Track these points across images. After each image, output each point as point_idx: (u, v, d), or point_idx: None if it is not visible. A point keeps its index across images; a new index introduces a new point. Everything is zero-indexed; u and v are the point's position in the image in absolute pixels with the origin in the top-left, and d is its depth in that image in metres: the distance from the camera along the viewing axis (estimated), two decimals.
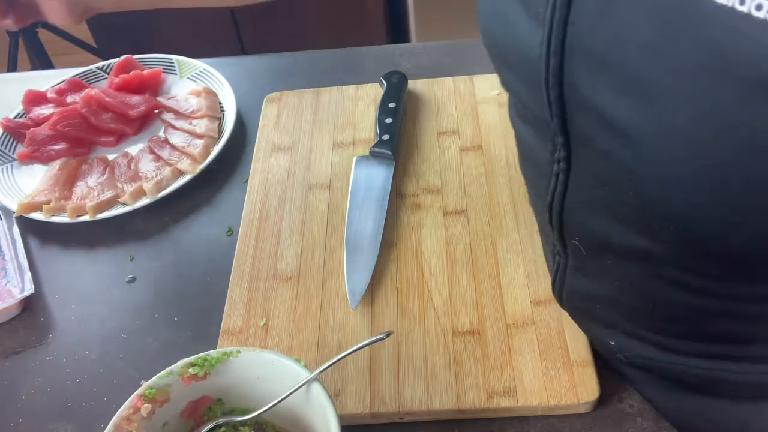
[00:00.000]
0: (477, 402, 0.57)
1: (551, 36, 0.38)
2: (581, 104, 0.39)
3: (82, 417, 0.62)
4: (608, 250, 0.45)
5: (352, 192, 0.74)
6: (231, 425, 0.53)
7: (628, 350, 0.53)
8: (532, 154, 0.50)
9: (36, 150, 0.85)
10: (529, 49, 0.41)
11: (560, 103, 0.40)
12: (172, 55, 0.95)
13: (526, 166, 0.56)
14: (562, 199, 0.47)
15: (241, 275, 0.69)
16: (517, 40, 0.43)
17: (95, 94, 0.87)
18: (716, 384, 0.49)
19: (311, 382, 0.49)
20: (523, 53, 0.42)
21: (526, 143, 0.52)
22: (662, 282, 0.43)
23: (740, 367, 0.47)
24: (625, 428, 0.56)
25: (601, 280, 0.50)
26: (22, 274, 0.72)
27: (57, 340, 0.68)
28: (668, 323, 0.48)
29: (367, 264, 0.67)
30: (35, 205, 0.78)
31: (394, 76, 0.84)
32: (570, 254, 0.51)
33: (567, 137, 0.42)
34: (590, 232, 0.46)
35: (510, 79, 0.48)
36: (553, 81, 0.39)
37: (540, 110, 0.43)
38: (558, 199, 0.47)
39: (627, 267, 0.45)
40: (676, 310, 0.46)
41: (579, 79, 0.38)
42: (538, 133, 0.47)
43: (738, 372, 0.47)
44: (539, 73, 0.40)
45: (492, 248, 0.67)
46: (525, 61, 0.42)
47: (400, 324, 0.63)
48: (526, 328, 0.61)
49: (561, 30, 0.37)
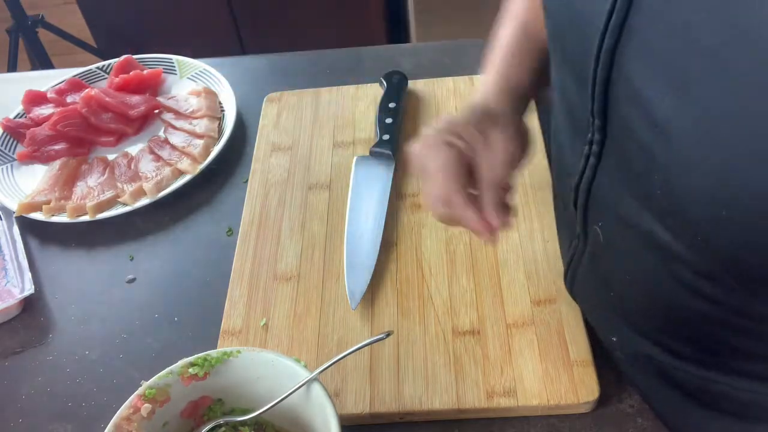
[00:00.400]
0: (477, 402, 0.57)
1: (613, 13, 0.37)
2: (626, 92, 0.38)
3: (82, 417, 0.62)
4: (628, 240, 0.45)
5: (352, 192, 0.74)
6: (231, 425, 0.53)
7: (629, 347, 0.53)
8: (563, 134, 0.50)
9: (36, 150, 0.85)
10: (587, 25, 0.40)
11: (605, 85, 0.39)
12: (172, 55, 0.95)
13: (554, 144, 0.56)
14: (591, 181, 0.46)
15: (241, 275, 0.69)
16: (579, 15, 0.41)
17: (95, 94, 0.87)
18: (708, 394, 0.49)
19: (311, 382, 0.49)
20: (581, 29, 0.41)
21: (560, 123, 0.51)
22: (676, 283, 0.43)
23: (732, 380, 0.46)
24: (625, 428, 0.56)
25: (615, 270, 0.50)
26: (22, 274, 0.72)
27: (57, 340, 0.68)
28: (673, 325, 0.48)
29: (367, 264, 0.67)
30: (35, 205, 0.78)
31: (394, 76, 0.84)
32: (590, 241, 0.51)
33: (604, 121, 0.42)
34: (614, 218, 0.45)
35: (558, 62, 0.47)
36: (604, 60, 0.38)
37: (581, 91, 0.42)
38: (586, 181, 0.47)
39: (644, 261, 0.45)
40: (684, 312, 0.45)
41: (630, 66, 0.37)
42: (574, 113, 0.46)
43: (730, 385, 0.47)
44: (590, 51, 0.39)
45: (492, 248, 0.67)
46: (581, 36, 0.41)
47: (400, 324, 0.63)
48: (526, 328, 0.61)
49: (624, 9, 0.36)
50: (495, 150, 0.52)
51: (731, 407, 0.48)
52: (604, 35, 0.38)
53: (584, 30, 0.40)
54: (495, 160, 0.52)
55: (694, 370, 0.48)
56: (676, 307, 0.45)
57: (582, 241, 0.52)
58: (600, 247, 0.50)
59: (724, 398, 0.48)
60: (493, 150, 0.52)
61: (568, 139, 0.49)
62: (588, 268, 0.54)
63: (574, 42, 0.43)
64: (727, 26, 0.31)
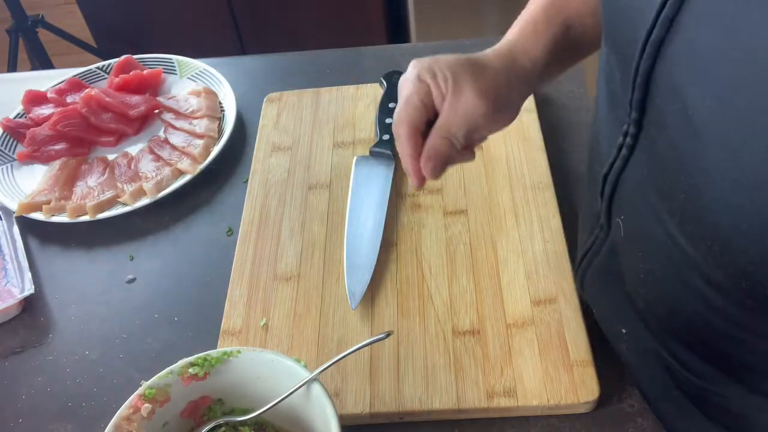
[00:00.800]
0: (477, 402, 0.57)
1: (664, 6, 0.36)
2: (666, 87, 0.37)
3: (82, 417, 0.62)
4: (647, 239, 0.45)
5: (352, 192, 0.74)
6: (231, 425, 0.53)
7: (637, 341, 0.53)
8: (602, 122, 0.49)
9: (36, 150, 0.85)
10: (638, 13, 0.39)
11: (647, 77, 0.39)
12: (172, 55, 0.95)
13: (592, 131, 0.54)
14: (619, 173, 0.46)
15: (241, 275, 0.69)
16: (631, 2, 0.40)
17: (95, 94, 0.87)
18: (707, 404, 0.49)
19: (311, 382, 0.49)
20: (632, 18, 0.40)
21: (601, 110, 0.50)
22: (688, 290, 0.42)
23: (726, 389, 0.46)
24: (625, 428, 0.56)
25: (631, 266, 0.49)
26: (22, 274, 0.72)
27: (57, 340, 0.68)
28: (681, 330, 0.48)
29: (367, 264, 0.67)
30: (35, 205, 0.78)
31: (394, 76, 0.84)
32: (612, 232, 0.50)
33: (641, 115, 0.41)
34: (636, 214, 0.45)
35: (608, 47, 0.46)
36: (649, 51, 0.38)
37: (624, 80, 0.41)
38: (615, 172, 0.46)
39: (659, 262, 0.44)
40: (692, 319, 0.45)
41: (673, 62, 0.36)
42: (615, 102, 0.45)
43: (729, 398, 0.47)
44: (637, 40, 0.38)
45: (492, 248, 0.67)
46: (631, 25, 0.40)
47: (400, 324, 0.63)
48: (526, 328, 0.61)
49: (676, 3, 0.36)
50: (460, 99, 0.50)
51: (726, 419, 0.48)
52: (653, 26, 0.37)
53: (634, 18, 0.39)
54: (456, 109, 0.50)
55: (695, 379, 0.48)
56: (685, 313, 0.45)
57: (604, 232, 0.51)
58: (620, 240, 0.49)
59: (721, 410, 0.48)
60: (458, 99, 0.50)
61: (606, 128, 0.49)
62: (605, 259, 0.53)
63: (624, 29, 0.42)
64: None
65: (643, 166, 0.43)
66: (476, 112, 0.50)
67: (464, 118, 0.50)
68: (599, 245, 0.53)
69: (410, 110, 0.50)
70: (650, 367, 0.53)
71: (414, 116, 0.51)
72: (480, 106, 0.50)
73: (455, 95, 0.50)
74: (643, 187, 0.43)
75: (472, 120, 0.51)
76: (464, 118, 0.50)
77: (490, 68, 0.53)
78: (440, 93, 0.51)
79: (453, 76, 0.51)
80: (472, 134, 0.52)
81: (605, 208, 0.49)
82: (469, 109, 0.50)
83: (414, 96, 0.51)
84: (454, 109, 0.50)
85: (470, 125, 0.51)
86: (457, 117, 0.50)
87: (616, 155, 0.45)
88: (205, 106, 0.87)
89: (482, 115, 0.51)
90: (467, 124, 0.51)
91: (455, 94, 0.50)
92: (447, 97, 0.50)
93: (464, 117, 0.50)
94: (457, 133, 0.51)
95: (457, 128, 0.50)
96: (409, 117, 0.50)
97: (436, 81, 0.51)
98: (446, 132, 0.50)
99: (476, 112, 0.50)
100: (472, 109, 0.50)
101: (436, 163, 0.50)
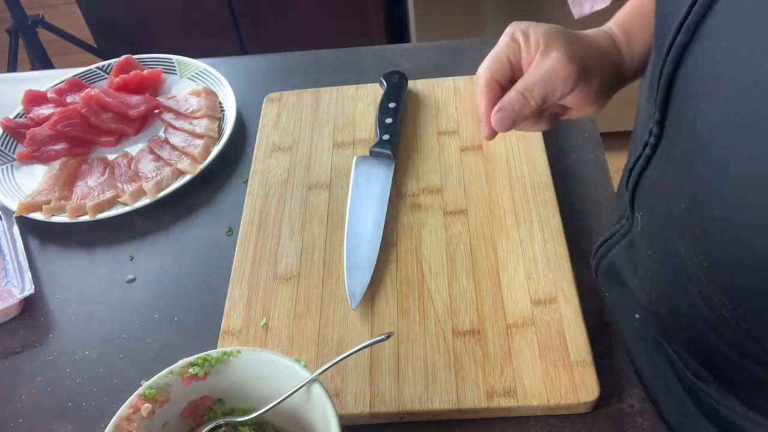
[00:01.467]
0: (477, 402, 0.57)
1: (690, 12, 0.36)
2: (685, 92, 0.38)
3: (82, 417, 0.62)
4: (656, 240, 0.45)
5: (352, 192, 0.74)
6: (231, 425, 0.53)
7: (648, 327, 0.53)
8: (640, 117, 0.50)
9: (36, 150, 0.85)
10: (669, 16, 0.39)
11: (669, 79, 0.39)
12: (172, 55, 0.95)
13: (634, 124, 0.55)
14: (642, 170, 0.46)
15: (241, 275, 0.69)
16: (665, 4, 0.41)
17: (95, 94, 0.87)
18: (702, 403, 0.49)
19: (312, 382, 0.49)
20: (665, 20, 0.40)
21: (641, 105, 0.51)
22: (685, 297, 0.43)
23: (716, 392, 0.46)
24: (625, 428, 0.56)
25: (643, 261, 0.50)
26: (22, 274, 0.72)
27: (57, 340, 0.68)
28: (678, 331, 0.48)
29: (367, 264, 0.67)
30: (35, 205, 0.78)
31: (394, 76, 0.84)
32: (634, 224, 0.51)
33: (663, 116, 0.41)
34: (652, 213, 0.45)
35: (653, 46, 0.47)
36: (673, 55, 0.38)
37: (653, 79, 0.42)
38: (638, 169, 0.46)
39: (665, 264, 0.45)
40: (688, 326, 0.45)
41: (694, 69, 0.37)
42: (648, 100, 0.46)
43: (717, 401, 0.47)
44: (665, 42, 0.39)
45: (492, 248, 0.67)
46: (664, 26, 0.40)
47: (400, 324, 0.63)
48: (526, 328, 0.61)
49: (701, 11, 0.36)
50: (546, 59, 0.51)
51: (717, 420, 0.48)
52: (678, 31, 0.37)
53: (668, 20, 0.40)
54: (539, 67, 0.51)
55: (694, 379, 0.48)
56: (683, 319, 0.45)
57: (629, 222, 0.52)
58: (637, 235, 0.50)
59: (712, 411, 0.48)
60: (545, 58, 0.51)
61: (640, 124, 0.49)
62: (624, 249, 0.54)
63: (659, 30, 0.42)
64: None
65: (661, 167, 0.43)
66: (558, 74, 0.51)
67: (545, 77, 0.51)
68: (623, 235, 0.54)
69: (494, 63, 0.52)
70: (655, 362, 0.53)
71: (496, 68, 0.52)
72: (564, 67, 0.51)
73: (543, 54, 0.51)
74: (659, 189, 0.44)
75: (552, 81, 0.51)
76: (545, 78, 0.51)
77: (585, 40, 0.54)
78: (529, 55, 0.52)
79: (546, 39, 0.52)
80: (548, 97, 0.52)
81: (629, 200, 0.50)
82: (552, 69, 0.51)
83: (503, 51, 0.52)
84: (538, 67, 0.51)
85: (549, 86, 0.51)
86: (539, 75, 0.51)
87: (641, 152, 0.46)
88: (205, 106, 0.87)
89: (564, 78, 0.52)
90: (546, 85, 0.51)
91: (544, 53, 0.51)
92: (535, 57, 0.52)
93: (546, 76, 0.51)
94: (534, 90, 0.51)
95: (535, 85, 0.51)
96: (491, 68, 0.52)
97: (528, 42, 0.52)
98: (524, 87, 0.51)
99: (558, 73, 0.51)
100: (555, 70, 0.51)
101: (505, 115, 0.51)
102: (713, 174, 0.34)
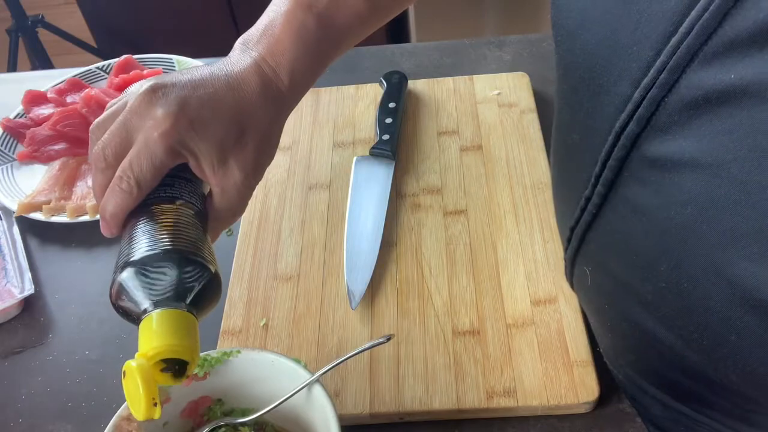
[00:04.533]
0: (477, 402, 0.57)
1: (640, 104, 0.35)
2: (640, 175, 0.37)
3: (82, 417, 0.62)
4: (610, 285, 0.46)
5: (352, 192, 0.74)
6: (231, 426, 0.53)
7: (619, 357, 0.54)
8: (559, 167, 0.49)
9: (36, 150, 0.85)
10: (614, 96, 0.37)
11: (621, 162, 0.38)
12: (172, 55, 0.95)
13: (558, 181, 0.53)
14: (586, 228, 0.46)
15: (241, 275, 0.69)
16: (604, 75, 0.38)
17: (95, 94, 0.87)
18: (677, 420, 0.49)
19: (312, 383, 0.49)
20: (605, 98, 0.38)
21: (558, 156, 0.50)
22: (650, 346, 0.44)
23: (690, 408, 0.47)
24: (625, 428, 0.56)
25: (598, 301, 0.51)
26: (22, 274, 0.72)
27: (57, 340, 0.68)
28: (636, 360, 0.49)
29: (367, 264, 0.67)
30: (35, 205, 0.78)
31: (394, 76, 0.84)
32: (576, 278, 0.52)
33: (608, 190, 0.40)
34: (602, 270, 0.46)
35: (570, 103, 0.45)
36: (624, 143, 0.37)
37: (590, 149, 0.40)
38: (582, 226, 0.46)
39: (616, 305, 0.46)
40: (642, 350, 0.47)
41: (651, 153, 0.36)
42: (575, 160, 0.45)
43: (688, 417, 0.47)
44: (608, 126, 0.37)
45: (492, 248, 0.67)
46: (603, 103, 0.38)
47: (400, 324, 0.63)
48: (526, 328, 0.61)
49: (663, 91, 0.34)
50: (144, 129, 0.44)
51: None
52: (627, 121, 0.36)
53: (608, 100, 0.38)
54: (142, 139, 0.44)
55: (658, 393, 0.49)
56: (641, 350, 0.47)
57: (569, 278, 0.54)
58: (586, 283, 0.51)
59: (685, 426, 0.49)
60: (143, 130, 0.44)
61: (567, 180, 0.48)
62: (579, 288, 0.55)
63: (594, 103, 0.40)
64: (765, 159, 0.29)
65: (608, 229, 0.43)
66: (144, 152, 0.45)
67: (139, 155, 0.45)
68: (570, 278, 0.54)
69: None
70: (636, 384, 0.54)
71: None
72: (154, 143, 0.45)
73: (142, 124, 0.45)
74: (609, 246, 0.44)
75: (141, 161, 0.45)
76: (139, 155, 0.45)
77: None
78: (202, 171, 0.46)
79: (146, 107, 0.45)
80: None
81: (570, 258, 0.50)
82: (142, 148, 0.45)
83: None
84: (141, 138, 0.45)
85: (141, 166, 0.45)
86: (134, 153, 0.45)
87: (580, 215, 0.45)
88: None
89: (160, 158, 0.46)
90: (143, 161, 0.45)
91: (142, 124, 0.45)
92: None
93: (139, 155, 0.45)
94: (132, 167, 0.45)
95: (130, 162, 0.45)
96: None
97: (198, 162, 0.46)
98: (118, 168, 0.45)
99: (145, 151, 0.45)
100: (142, 147, 0.45)
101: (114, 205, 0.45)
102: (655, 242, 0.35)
